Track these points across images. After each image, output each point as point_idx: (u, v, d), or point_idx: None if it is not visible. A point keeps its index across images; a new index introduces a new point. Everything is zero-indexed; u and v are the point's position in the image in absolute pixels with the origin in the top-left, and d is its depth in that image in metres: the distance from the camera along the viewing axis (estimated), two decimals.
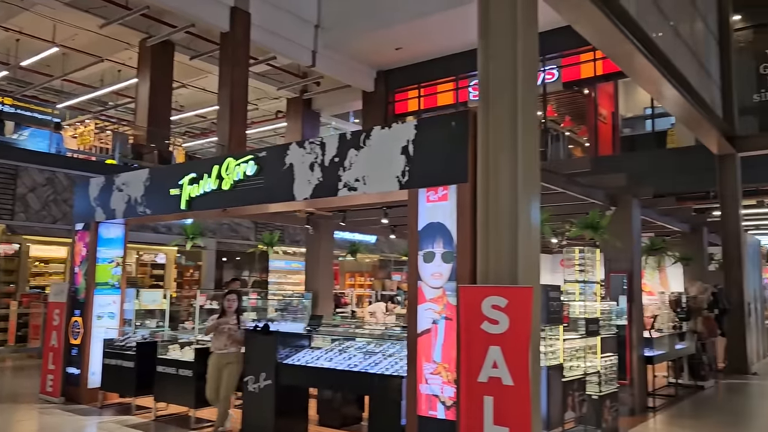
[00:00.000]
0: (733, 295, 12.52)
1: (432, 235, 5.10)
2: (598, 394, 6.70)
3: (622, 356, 8.03)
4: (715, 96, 13.03)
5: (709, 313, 10.81)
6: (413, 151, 5.27)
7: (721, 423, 7.78)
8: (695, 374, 10.35)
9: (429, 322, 5.05)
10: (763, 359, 14.86)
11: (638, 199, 8.69)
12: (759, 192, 16.30)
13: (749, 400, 9.57)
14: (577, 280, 6.75)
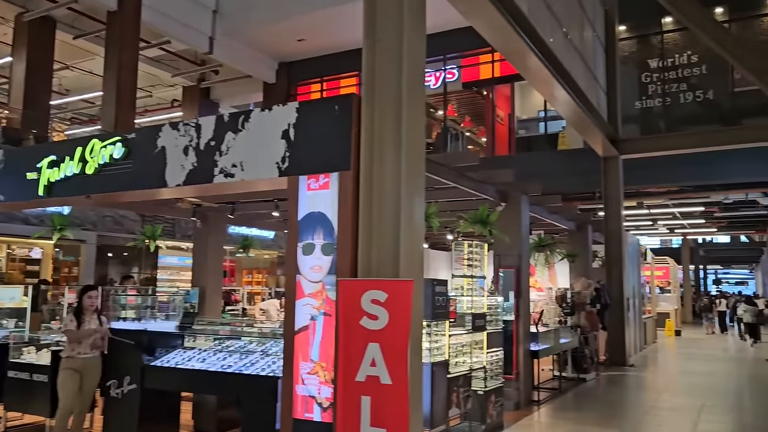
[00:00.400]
0: (614, 291, 13.14)
1: (312, 225, 4.79)
2: (483, 389, 6.67)
3: (509, 351, 8.13)
4: (601, 100, 13.63)
5: (592, 308, 11.24)
6: (294, 136, 4.94)
7: (600, 415, 8.02)
8: (578, 367, 10.72)
9: (307, 319, 4.74)
10: (639, 352, 15.78)
11: (527, 196, 8.82)
12: (639, 194, 17.31)
13: (627, 391, 10.01)
14: (465, 275, 6.69)
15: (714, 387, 10.31)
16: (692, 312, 32.49)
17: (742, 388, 10.30)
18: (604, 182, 13.74)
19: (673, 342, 19.70)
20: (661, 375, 12.05)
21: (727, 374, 12.00)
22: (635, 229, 24.54)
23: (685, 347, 17.83)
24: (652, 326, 18.87)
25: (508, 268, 8.42)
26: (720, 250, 43.73)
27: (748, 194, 16.58)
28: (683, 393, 9.73)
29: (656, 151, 13.58)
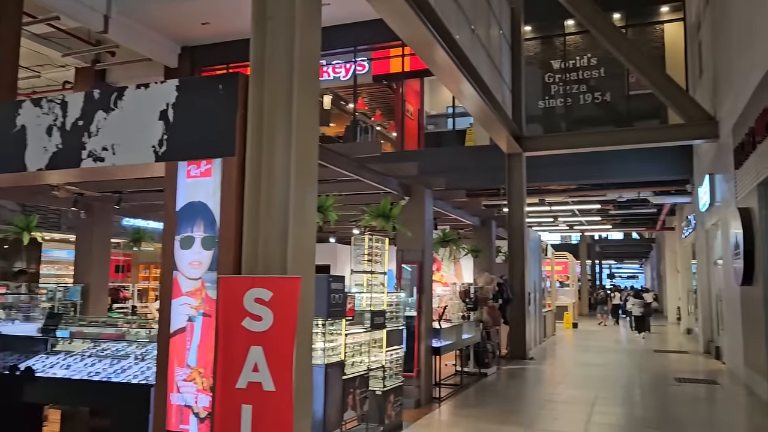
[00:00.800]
0: (516, 286, 13.38)
1: (192, 216, 4.33)
2: (381, 389, 6.43)
3: (411, 348, 7.97)
4: (506, 98, 13.83)
5: (494, 303, 11.34)
6: (173, 117, 4.45)
7: (499, 410, 8.01)
8: (480, 362, 10.78)
9: (184, 320, 4.28)
10: (539, 344, 16.24)
11: (431, 191, 8.69)
12: (542, 191, 17.82)
13: (525, 385, 10.15)
14: (365, 271, 6.42)
15: (607, 379, 10.67)
16: (588, 305, 34.18)
17: (632, 379, 10.71)
18: (508, 178, 13.96)
19: (571, 334, 20.51)
20: (558, 367, 12.38)
21: (620, 366, 12.50)
22: (537, 225, 25.40)
23: (582, 339, 18.58)
24: (551, 319, 19.54)
25: (410, 264, 8.24)
26: (614, 246, 46.36)
27: (640, 193, 17.46)
28: (578, 385, 9.98)
29: (557, 149, 13.95)
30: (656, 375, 11.16)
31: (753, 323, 9.17)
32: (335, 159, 6.64)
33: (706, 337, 14.85)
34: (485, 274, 11.66)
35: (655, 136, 13.20)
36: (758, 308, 8.71)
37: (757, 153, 8.47)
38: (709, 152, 13.36)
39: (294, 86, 4.22)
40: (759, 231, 8.63)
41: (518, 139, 13.71)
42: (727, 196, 11.26)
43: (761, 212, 8.59)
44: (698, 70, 14.92)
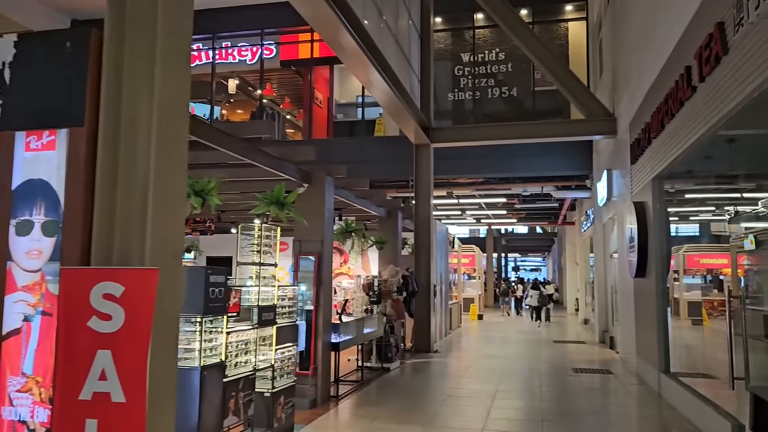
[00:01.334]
0: (422, 278, 13.22)
1: (30, 197, 3.65)
2: (270, 390, 5.93)
3: (310, 344, 7.52)
4: (415, 88, 13.61)
5: (399, 296, 11.08)
6: (10, 79, 3.74)
7: (400, 407, 7.72)
8: (383, 357, 10.49)
9: (19, 320, 3.60)
10: (445, 337, 16.24)
11: (332, 178, 8.24)
12: (450, 184, 17.83)
13: (428, 379, 9.95)
14: (254, 262, 5.89)
15: (508, 371, 10.68)
16: (494, 297, 35.04)
17: (532, 370, 10.78)
18: (415, 170, 13.76)
19: (476, 326, 20.77)
20: (462, 360, 12.33)
21: (521, 357, 12.63)
22: (446, 218, 25.62)
23: (486, 331, 18.83)
24: (457, 311, 19.68)
25: (308, 255, 7.77)
26: (519, 239, 47.94)
27: (543, 188, 17.86)
28: (480, 378, 9.91)
29: (464, 141, 13.90)
30: (555, 366, 11.32)
31: (645, 314, 9.42)
32: (224, 140, 6.05)
33: (602, 328, 15.38)
34: (390, 266, 11.39)
35: (558, 130, 13.43)
36: (650, 300, 8.93)
37: (652, 148, 8.66)
38: (608, 148, 13.76)
39: (159, 45, 3.63)
40: (652, 224, 8.84)
41: (426, 131, 13.53)
42: (623, 190, 11.57)
43: (655, 206, 8.79)
44: (599, 69, 15.36)
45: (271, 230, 6.11)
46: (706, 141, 6.44)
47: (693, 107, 6.46)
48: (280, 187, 6.68)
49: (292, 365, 6.41)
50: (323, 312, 7.76)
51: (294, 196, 6.77)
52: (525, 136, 13.47)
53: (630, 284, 10.69)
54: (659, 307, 8.60)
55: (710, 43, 5.58)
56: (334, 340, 8.13)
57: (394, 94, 11.01)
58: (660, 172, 8.39)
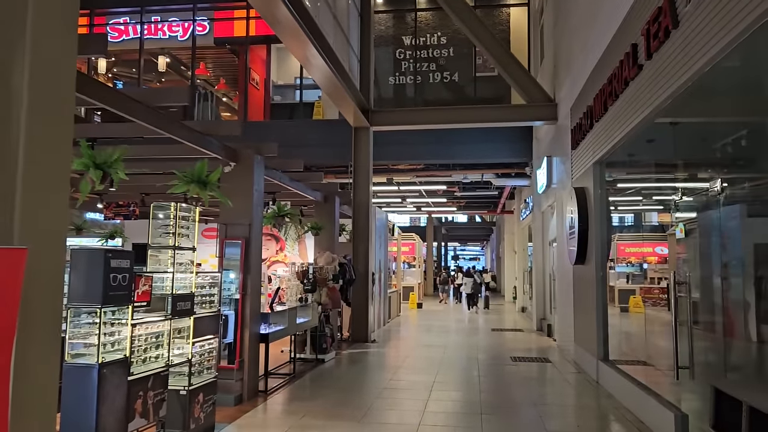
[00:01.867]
0: (360, 266, 12.79)
1: None
2: (187, 388, 5.36)
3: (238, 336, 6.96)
4: (354, 69, 13.10)
5: (335, 284, 10.60)
6: None
7: (333, 402, 7.28)
8: (318, 347, 10.01)
9: None
10: (383, 326, 15.90)
11: (262, 158, 7.65)
12: (390, 170, 17.44)
13: (364, 371, 9.54)
14: (169, 246, 5.28)
15: (446, 361, 10.42)
16: (433, 285, 35.10)
17: (471, 360, 10.56)
18: (354, 154, 13.28)
19: (416, 314, 20.56)
20: (400, 350, 12.00)
21: (459, 346, 12.41)
22: (387, 206, 25.27)
23: (425, 319, 18.63)
24: (396, 300, 19.39)
25: (234, 239, 7.18)
26: (459, 228, 48.28)
27: (483, 175, 17.73)
28: (418, 369, 9.58)
29: (404, 124, 13.50)
30: (493, 355, 11.15)
31: (584, 302, 9.30)
32: (138, 111, 5.39)
33: (539, 315, 15.40)
34: (326, 254, 10.88)
35: (499, 115, 13.21)
36: (589, 287, 8.81)
37: (594, 132, 8.48)
38: (548, 135, 13.67)
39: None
40: (593, 210, 8.69)
41: (366, 113, 13.05)
42: (563, 177, 11.46)
43: (595, 191, 8.64)
44: (539, 56, 15.27)
45: (189, 211, 5.50)
46: (650, 123, 6.25)
47: (638, 87, 6.24)
48: (202, 164, 6.06)
49: (213, 359, 5.85)
50: (251, 301, 7.19)
51: (217, 175, 6.16)
52: (466, 120, 13.20)
53: (569, 272, 10.59)
54: (598, 294, 8.47)
55: (659, 16, 5.33)
56: (263, 331, 7.59)
57: (333, 73, 10.48)
58: (601, 157, 8.23)
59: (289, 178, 9.74)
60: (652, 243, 8.84)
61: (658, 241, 8.83)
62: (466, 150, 15.72)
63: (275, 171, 8.86)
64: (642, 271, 8.73)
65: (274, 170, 8.83)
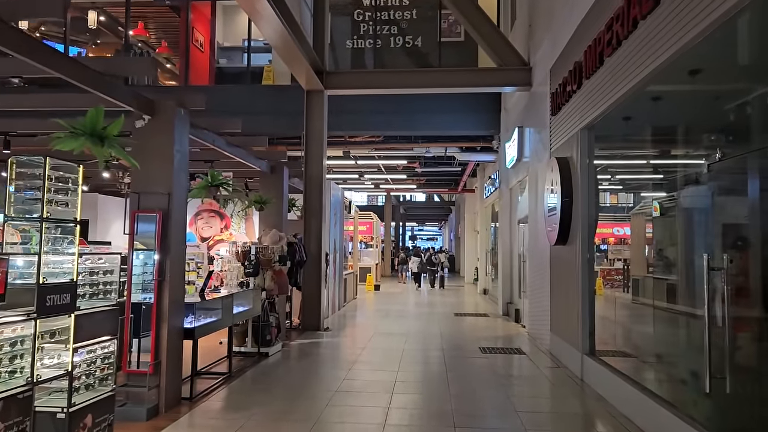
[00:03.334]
0: (312, 246, 11.46)
1: None
2: (66, 409, 3.96)
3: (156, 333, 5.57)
4: (307, 23, 11.61)
5: (282, 266, 9.25)
6: None
7: (272, 411, 5.99)
8: (260, 340, 8.67)
9: None
10: (339, 310, 14.63)
11: (187, 111, 6.18)
12: (347, 143, 16.04)
13: (315, 368, 8.26)
14: (33, 218, 3.83)
15: (408, 353, 9.24)
16: (391, 266, 34.01)
17: (435, 352, 9.41)
18: (306, 120, 11.84)
19: (373, 297, 19.37)
20: (356, 339, 10.76)
21: (421, 334, 11.26)
22: (343, 183, 23.85)
23: (383, 303, 17.44)
24: (353, 282, 18.15)
25: (148, 212, 5.74)
26: (417, 208, 47.25)
27: (447, 149, 16.52)
28: (376, 364, 8.37)
29: (362, 87, 12.11)
30: (459, 344, 10.03)
31: (564, 287, 8.22)
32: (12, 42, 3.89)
33: (505, 300, 14.40)
34: (272, 232, 9.50)
35: (467, 79, 11.95)
36: (572, 271, 7.72)
37: (583, 92, 7.31)
38: (519, 104, 12.52)
39: None
40: (579, 183, 7.56)
41: (320, 75, 11.60)
42: (538, 148, 10.34)
43: (582, 161, 7.50)
44: (510, 19, 14.07)
45: (71, 171, 4.05)
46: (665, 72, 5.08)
47: (655, 23, 5.04)
48: (97, 110, 4.58)
49: (109, 367, 4.45)
50: (171, 289, 5.78)
51: (118, 126, 4.69)
52: (430, 84, 11.90)
53: (544, 253, 9.51)
54: (584, 279, 7.37)
55: None
56: (188, 324, 6.20)
57: (284, 27, 9.04)
58: (592, 121, 7.07)
59: (226, 142, 8.28)
60: (613, 224, 8.04)
61: (619, 222, 8.01)
62: (429, 121, 14.47)
63: (207, 132, 7.38)
64: (602, 252, 7.85)
65: (205, 131, 7.36)
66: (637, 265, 6.95)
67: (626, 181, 8.32)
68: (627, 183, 8.32)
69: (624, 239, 7.89)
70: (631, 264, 7.25)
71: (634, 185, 7.90)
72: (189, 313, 6.26)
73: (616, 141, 7.32)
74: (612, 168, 7.92)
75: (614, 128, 7.05)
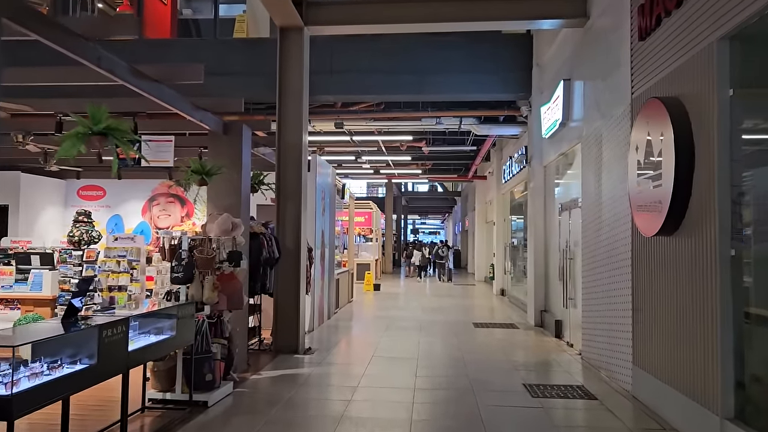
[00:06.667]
0: (288, 238, 8.46)
1: None
2: None
3: None
4: None
5: (231, 268, 6.21)
6: None
7: None
8: (197, 381, 5.65)
9: None
10: (328, 320, 11.63)
11: None
12: (339, 111, 13.00)
13: (275, 429, 5.25)
14: None
15: (422, 396, 6.27)
16: (393, 261, 31.12)
17: (464, 395, 6.47)
18: (280, 68, 8.80)
19: (372, 299, 16.37)
20: (347, 368, 7.78)
21: (438, 359, 8.33)
22: (338, 167, 20.74)
23: (384, 308, 14.42)
24: (348, 282, 15.14)
25: None
26: (420, 199, 44.21)
27: (462, 120, 13.46)
28: (375, 421, 5.38)
29: (355, 23, 8.99)
30: (492, 379, 7.05)
31: (673, 303, 5.20)
32: None
33: (539, 306, 11.39)
34: (222, 216, 6.47)
35: (496, 11, 8.83)
36: (694, 277, 4.71)
37: None
38: (562, 52, 9.50)
39: None
40: (714, 130, 4.51)
41: (299, 6, 8.54)
42: (603, 101, 7.31)
43: (722, 93, 4.44)
44: None
45: None
46: None
47: None
48: None
49: None
50: None
51: None
52: (446, 18, 8.81)
53: (622, 248, 6.51)
54: (723, 292, 4.36)
55: None
56: (3, 392, 3.18)
57: None
58: (747, 19, 4.05)
59: (129, 69, 5.24)
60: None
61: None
62: (442, 83, 11.43)
63: (93, 47, 4.33)
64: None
65: (86, 41, 4.31)
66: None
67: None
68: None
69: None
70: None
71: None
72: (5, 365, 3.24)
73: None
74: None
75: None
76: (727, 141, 4.38)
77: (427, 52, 11.47)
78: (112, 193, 12.71)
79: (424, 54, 11.46)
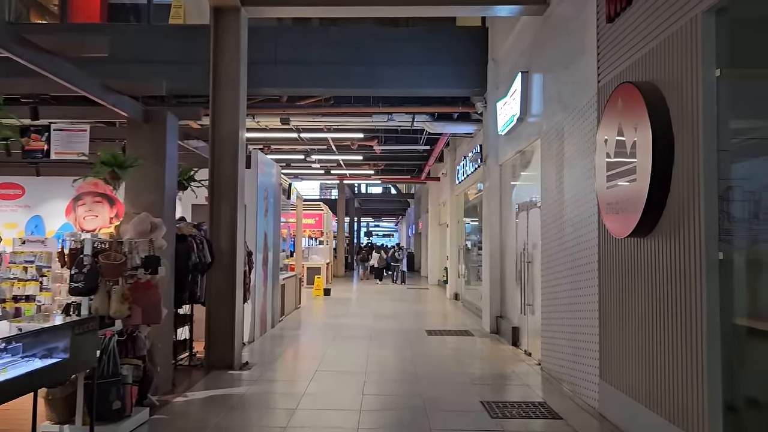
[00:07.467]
0: (222, 240, 7.63)
1: None
2: None
3: None
4: None
5: (147, 276, 5.36)
6: None
7: None
8: (102, 411, 4.77)
9: None
10: (272, 329, 10.80)
11: None
12: (285, 105, 12.17)
13: None
14: None
15: (371, 417, 5.54)
16: (345, 265, 30.35)
17: (412, 414, 5.76)
18: (214, 51, 7.95)
19: (321, 305, 15.57)
20: (288, 385, 7.02)
21: (389, 373, 7.66)
22: (286, 166, 19.84)
23: (333, 315, 13.65)
24: (294, 287, 14.30)
25: None
26: (373, 201, 43.58)
27: (415, 116, 12.85)
28: (321, 430, 4.66)
29: (298, 5, 8.22)
30: (447, 396, 6.41)
31: (648, 314, 4.65)
32: None
33: (494, 312, 10.85)
34: (140, 216, 5.61)
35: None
36: (674, 285, 4.16)
37: None
38: (519, 44, 8.98)
39: None
40: (698, 116, 3.96)
41: None
42: (566, 91, 6.77)
43: (706, 78, 3.90)
44: None
45: None
46: None
47: None
48: None
49: None
50: None
51: None
52: (397, 1, 8.16)
53: (587, 251, 5.97)
54: (710, 300, 3.81)
55: None
56: None
57: None
58: None
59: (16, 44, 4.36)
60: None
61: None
62: (394, 76, 10.78)
63: None
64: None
65: None
66: None
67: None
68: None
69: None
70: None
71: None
72: None
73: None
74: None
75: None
76: (713, 128, 3.84)
77: (380, 43, 10.82)
78: (32, 192, 11.55)
79: (376, 45, 10.80)
